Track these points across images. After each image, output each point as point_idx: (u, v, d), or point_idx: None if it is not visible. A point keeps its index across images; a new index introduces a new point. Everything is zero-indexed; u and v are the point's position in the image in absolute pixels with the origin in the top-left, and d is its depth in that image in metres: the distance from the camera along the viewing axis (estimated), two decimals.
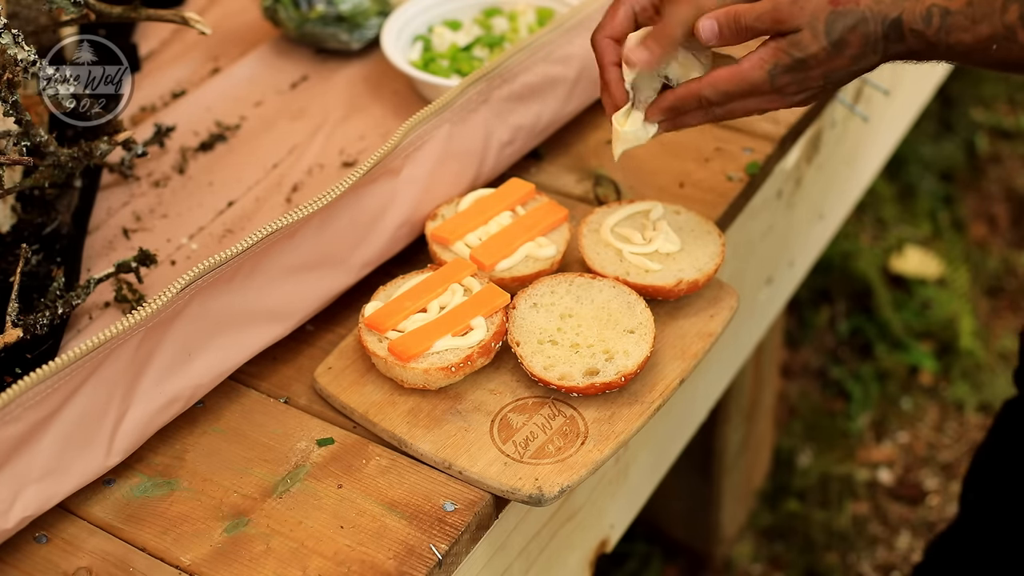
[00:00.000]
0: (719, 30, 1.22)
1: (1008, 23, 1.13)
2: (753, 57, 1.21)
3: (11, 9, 1.60)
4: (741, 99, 1.24)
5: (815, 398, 2.73)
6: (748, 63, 1.21)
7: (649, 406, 1.27)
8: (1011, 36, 1.13)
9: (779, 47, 1.20)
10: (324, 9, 1.70)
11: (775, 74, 1.20)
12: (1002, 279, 2.96)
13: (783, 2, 1.19)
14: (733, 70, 1.22)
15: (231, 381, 1.33)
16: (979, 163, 3.22)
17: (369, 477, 1.23)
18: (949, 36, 1.16)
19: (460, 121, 1.45)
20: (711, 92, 1.24)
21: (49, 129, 1.49)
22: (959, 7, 1.15)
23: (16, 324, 1.28)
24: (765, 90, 1.22)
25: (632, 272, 1.36)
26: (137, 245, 1.45)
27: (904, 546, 2.48)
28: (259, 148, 1.61)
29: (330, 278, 1.36)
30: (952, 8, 1.15)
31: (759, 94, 1.23)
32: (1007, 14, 1.13)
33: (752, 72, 1.21)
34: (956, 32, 1.15)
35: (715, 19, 1.22)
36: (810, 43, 1.18)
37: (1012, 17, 1.13)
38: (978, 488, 1.72)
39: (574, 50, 1.55)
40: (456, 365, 1.26)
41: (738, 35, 1.22)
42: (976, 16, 1.14)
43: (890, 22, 1.17)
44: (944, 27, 1.15)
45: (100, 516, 1.21)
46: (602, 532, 1.55)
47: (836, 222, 2.10)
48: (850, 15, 1.17)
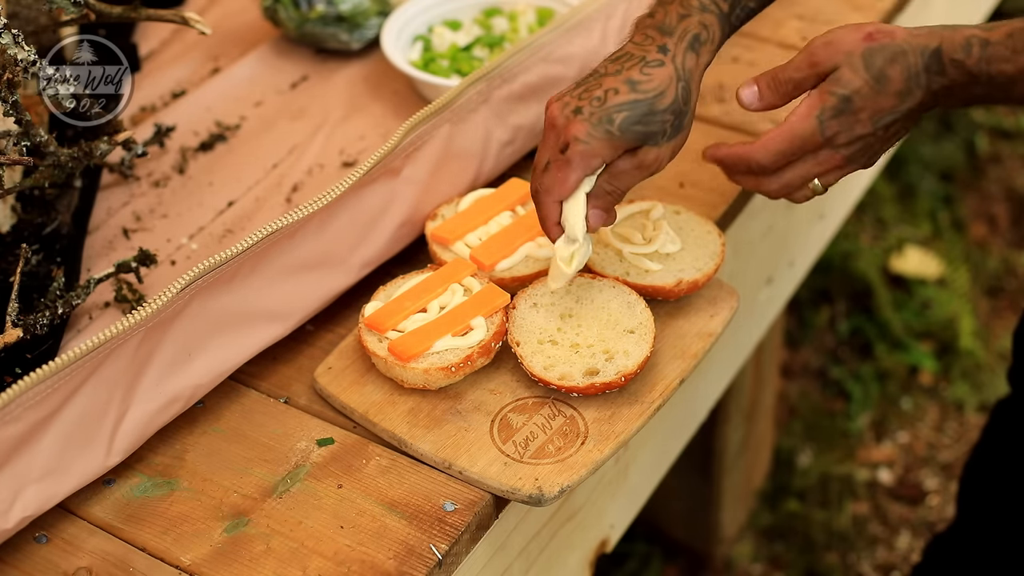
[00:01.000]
0: (760, 92, 1.20)
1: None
2: (800, 109, 1.18)
3: (11, 9, 1.60)
4: (795, 163, 1.20)
5: (815, 398, 2.73)
6: (795, 116, 1.18)
7: (649, 406, 1.27)
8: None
9: (822, 90, 1.17)
10: (324, 9, 1.70)
11: (824, 119, 1.17)
12: (1002, 279, 2.96)
13: (816, 46, 1.17)
14: (781, 127, 1.19)
15: (231, 381, 1.33)
16: (979, 163, 3.22)
17: (369, 477, 1.23)
18: (990, 66, 1.13)
19: (460, 121, 1.45)
20: (763, 155, 1.20)
21: (49, 129, 1.49)
22: (999, 38, 1.13)
23: (16, 324, 1.28)
24: (817, 143, 1.18)
25: (632, 272, 1.36)
26: (137, 245, 1.45)
27: (904, 546, 2.47)
28: (259, 148, 1.61)
29: (330, 278, 1.36)
30: (992, 39, 1.13)
31: (812, 150, 1.19)
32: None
33: (801, 124, 1.18)
34: (997, 62, 1.13)
35: (754, 83, 1.20)
36: (851, 78, 1.16)
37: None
38: (974, 488, 1.72)
39: (574, 50, 1.55)
40: (456, 365, 1.26)
41: (778, 90, 1.20)
42: (1017, 47, 1.12)
43: (930, 52, 1.15)
44: (984, 57, 1.13)
45: (100, 516, 1.21)
46: (602, 532, 1.55)
47: (836, 222, 2.10)
48: (887, 49, 1.15)
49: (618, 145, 1.20)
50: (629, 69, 1.21)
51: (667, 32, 1.22)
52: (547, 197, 1.23)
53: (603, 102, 1.19)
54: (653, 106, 1.19)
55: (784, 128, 1.19)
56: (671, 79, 1.20)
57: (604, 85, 1.21)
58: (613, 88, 1.20)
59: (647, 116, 1.19)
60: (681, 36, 1.22)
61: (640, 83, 1.20)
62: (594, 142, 1.19)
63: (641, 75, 1.20)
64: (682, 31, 1.22)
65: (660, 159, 1.22)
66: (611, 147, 1.20)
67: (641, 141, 1.20)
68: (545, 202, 1.23)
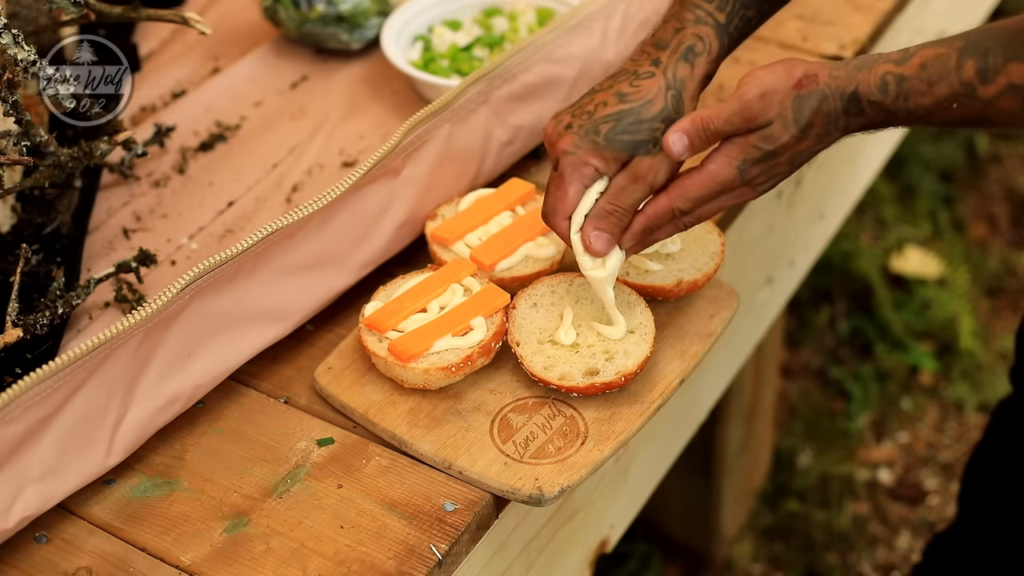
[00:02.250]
0: (689, 142, 1.18)
1: (965, 80, 1.10)
2: (718, 157, 1.18)
3: (11, 9, 1.60)
4: (711, 200, 1.20)
5: (815, 398, 2.73)
6: (715, 164, 1.18)
7: (649, 406, 1.27)
8: (970, 92, 1.10)
9: (748, 142, 1.17)
10: (324, 9, 1.70)
11: (744, 169, 1.17)
12: (1002, 279, 2.96)
13: (751, 99, 1.15)
14: (700, 174, 1.18)
15: (231, 381, 1.33)
16: (979, 163, 3.22)
17: (369, 477, 1.23)
18: (908, 102, 1.13)
19: (460, 121, 1.45)
20: (682, 202, 1.19)
21: (49, 129, 1.49)
22: (913, 72, 1.12)
23: (16, 324, 1.28)
24: (735, 186, 1.19)
25: (632, 272, 1.36)
26: (137, 245, 1.45)
27: (904, 546, 2.47)
28: (259, 148, 1.61)
29: (330, 278, 1.36)
30: (907, 74, 1.13)
31: (729, 191, 1.19)
32: (963, 71, 1.10)
33: (721, 171, 1.18)
34: (914, 97, 1.13)
35: (683, 132, 1.18)
36: (780, 134, 1.16)
37: (969, 73, 1.10)
38: (975, 487, 1.72)
39: (574, 50, 1.55)
40: (456, 365, 1.26)
41: (708, 142, 1.18)
42: (932, 78, 1.12)
43: (848, 96, 1.15)
44: (902, 94, 1.13)
45: (100, 516, 1.21)
46: (602, 532, 1.55)
47: (836, 222, 2.10)
48: (813, 96, 1.15)
49: (606, 155, 1.20)
50: (620, 83, 1.22)
51: (662, 47, 1.23)
52: (554, 217, 1.23)
53: (591, 115, 1.21)
54: (640, 114, 1.20)
55: (704, 175, 1.18)
56: (660, 88, 1.21)
57: (595, 100, 1.22)
58: (602, 101, 1.21)
59: (634, 124, 1.20)
60: (675, 49, 1.22)
61: (628, 94, 1.21)
62: (580, 152, 1.20)
63: (630, 87, 1.21)
64: (676, 44, 1.22)
65: (654, 169, 1.20)
66: (599, 156, 1.20)
67: (630, 151, 1.20)
68: (555, 222, 1.24)
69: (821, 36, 1.76)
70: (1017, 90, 1.09)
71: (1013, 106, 1.10)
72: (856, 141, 2.01)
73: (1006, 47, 1.09)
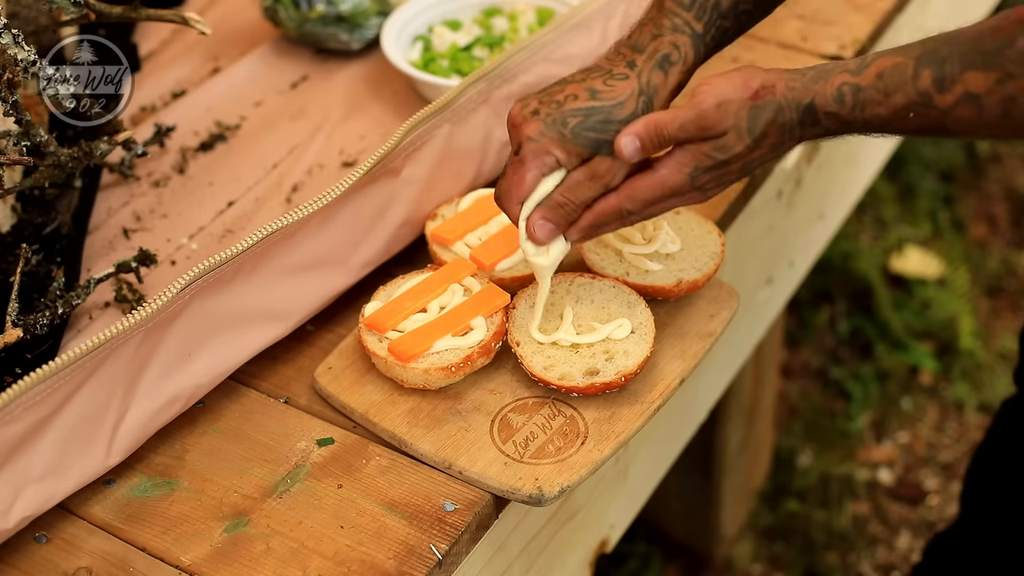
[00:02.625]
0: (641, 145, 1.17)
1: (922, 89, 1.10)
2: (670, 162, 1.18)
3: (11, 9, 1.60)
4: (659, 203, 1.20)
5: (815, 398, 2.73)
6: (666, 169, 1.18)
7: (649, 406, 1.27)
8: (927, 102, 1.10)
9: (700, 150, 1.16)
10: (324, 9, 1.70)
11: (695, 175, 1.17)
12: (1002, 279, 2.96)
13: (707, 108, 1.15)
14: (652, 178, 1.18)
15: (231, 381, 1.33)
16: (979, 163, 3.22)
17: (369, 477, 1.23)
18: (864, 112, 1.13)
19: (460, 121, 1.45)
20: (631, 203, 1.20)
21: (49, 129, 1.49)
22: (869, 82, 1.12)
23: (16, 324, 1.28)
24: (685, 191, 1.19)
25: (632, 272, 1.36)
26: (137, 245, 1.45)
27: (904, 546, 2.47)
28: (259, 148, 1.61)
29: (330, 278, 1.36)
30: (863, 84, 1.12)
31: (678, 195, 1.19)
32: (920, 80, 1.10)
33: (671, 177, 1.18)
34: (870, 107, 1.12)
35: (636, 135, 1.17)
36: (734, 144, 1.16)
37: (926, 83, 1.09)
38: (978, 487, 1.72)
39: (574, 50, 1.55)
40: (456, 365, 1.26)
41: (660, 147, 1.18)
42: (888, 88, 1.11)
43: (804, 107, 1.14)
44: (858, 104, 1.13)
45: (100, 516, 1.21)
46: (602, 532, 1.55)
47: (836, 222, 2.10)
48: (768, 107, 1.15)
49: (570, 148, 1.19)
50: (594, 79, 1.22)
51: (638, 50, 1.23)
52: (508, 201, 1.23)
53: (560, 105, 1.20)
54: (610, 115, 1.19)
55: (653, 179, 1.18)
56: (633, 92, 1.20)
57: (566, 91, 1.22)
58: (573, 94, 1.21)
59: (602, 123, 1.19)
60: (651, 55, 1.22)
61: (600, 92, 1.20)
62: (545, 140, 1.19)
63: (604, 85, 1.21)
64: (652, 50, 1.22)
65: (613, 171, 1.20)
66: (562, 148, 1.19)
67: (594, 148, 1.19)
68: (507, 206, 1.23)
69: (821, 36, 1.76)
70: (974, 99, 1.08)
71: (970, 115, 1.09)
72: (856, 141, 2.00)
73: (963, 55, 1.09)
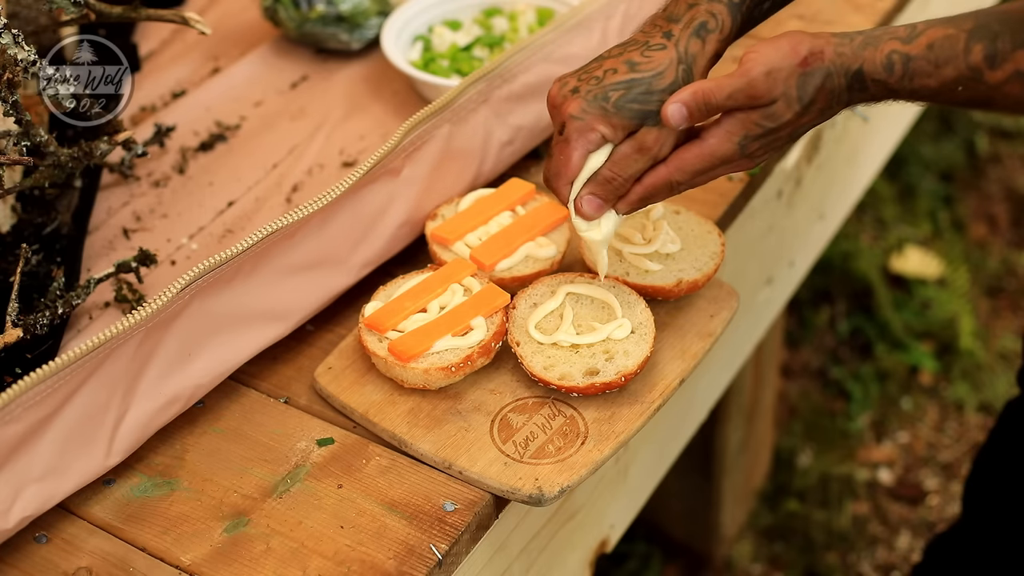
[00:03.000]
0: (688, 113, 1.16)
1: (973, 64, 1.09)
2: (719, 132, 1.17)
3: (11, 9, 1.60)
4: (709, 172, 1.20)
5: (815, 398, 2.73)
6: (715, 138, 1.17)
7: (649, 406, 1.27)
8: (977, 77, 1.10)
9: (750, 119, 1.16)
10: (324, 9, 1.70)
11: (745, 144, 1.17)
12: (1002, 279, 2.96)
13: (757, 77, 1.14)
14: (701, 148, 1.18)
15: (231, 381, 1.33)
16: (979, 163, 3.22)
17: (369, 477, 1.23)
18: (913, 82, 1.12)
19: (460, 121, 1.45)
20: (681, 175, 1.19)
21: (49, 129, 1.49)
22: (920, 52, 1.12)
23: (16, 324, 1.28)
24: (734, 158, 1.18)
25: (632, 272, 1.36)
26: (137, 245, 1.45)
27: (904, 546, 2.47)
28: (259, 148, 1.61)
29: (330, 278, 1.36)
30: (913, 54, 1.12)
31: (727, 163, 1.19)
32: (971, 55, 1.09)
33: (721, 147, 1.17)
34: (920, 77, 1.12)
35: (683, 103, 1.16)
36: (784, 112, 1.15)
37: (977, 58, 1.09)
38: (980, 488, 1.71)
39: (574, 50, 1.55)
40: (456, 365, 1.26)
41: (708, 116, 1.17)
42: (939, 60, 1.11)
43: (853, 73, 1.14)
44: (907, 74, 1.12)
45: (100, 516, 1.21)
46: (602, 532, 1.55)
47: (836, 222, 2.10)
48: (817, 73, 1.14)
49: (615, 122, 1.19)
50: (631, 52, 1.21)
51: (674, 20, 1.22)
52: (557, 181, 1.23)
53: (600, 81, 1.20)
54: (651, 85, 1.19)
55: (703, 149, 1.18)
56: (672, 61, 1.20)
57: (604, 66, 1.21)
58: (612, 68, 1.21)
59: (644, 95, 1.19)
60: (687, 23, 1.21)
61: (639, 64, 1.20)
62: (588, 117, 1.19)
63: (642, 57, 1.20)
64: (689, 19, 1.22)
65: (660, 141, 1.19)
66: (607, 123, 1.19)
67: (639, 120, 1.19)
68: (557, 186, 1.23)
69: None
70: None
71: (1019, 92, 1.09)
72: (856, 141, 2.01)
73: (1015, 32, 1.09)
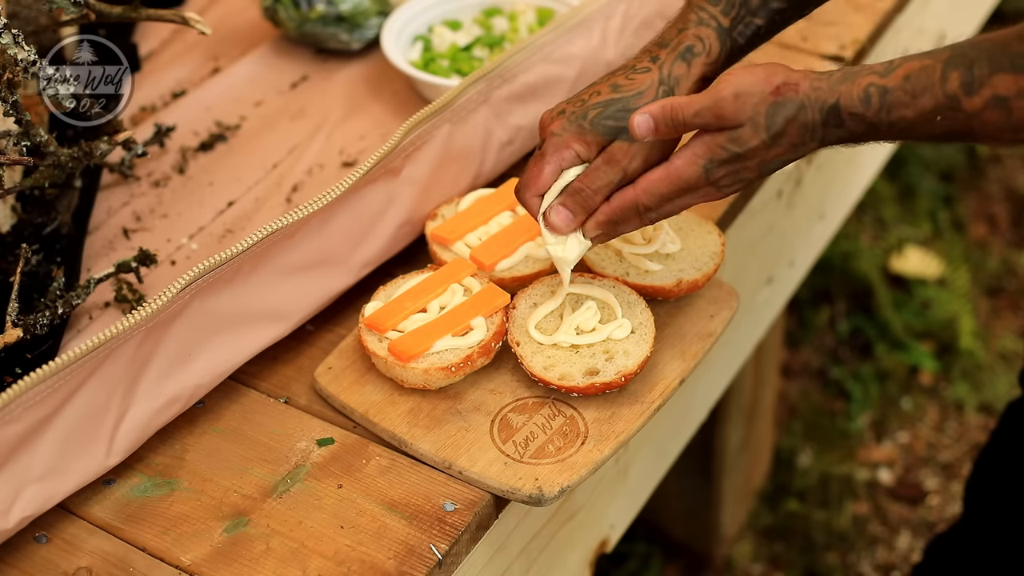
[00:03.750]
0: (655, 126, 1.17)
1: (950, 92, 1.08)
2: (685, 153, 1.17)
3: (11, 9, 1.60)
4: (676, 198, 1.19)
5: (815, 398, 2.73)
6: (681, 160, 1.17)
7: (649, 406, 1.27)
8: (955, 105, 1.09)
9: (716, 142, 1.15)
10: (324, 9, 1.70)
11: (710, 168, 1.16)
12: (1002, 279, 2.96)
13: (725, 97, 1.14)
14: (667, 169, 1.18)
15: (231, 381, 1.33)
16: (979, 163, 3.22)
17: (369, 477, 1.23)
18: (891, 114, 1.11)
19: (460, 121, 1.45)
20: (647, 198, 1.19)
21: (49, 129, 1.49)
22: (897, 83, 1.11)
23: (16, 324, 1.28)
24: (700, 185, 1.18)
25: (632, 272, 1.36)
26: (137, 245, 1.45)
27: (904, 546, 2.47)
28: (259, 148, 1.61)
29: (330, 278, 1.36)
30: (890, 85, 1.11)
31: (693, 190, 1.18)
32: (948, 84, 1.08)
33: (687, 169, 1.17)
34: (897, 109, 1.11)
35: (650, 115, 1.16)
36: (750, 138, 1.14)
37: (953, 86, 1.08)
38: (981, 489, 1.71)
39: (574, 50, 1.55)
40: (456, 365, 1.26)
41: (674, 131, 1.17)
42: (916, 90, 1.10)
43: (828, 108, 1.13)
44: (884, 106, 1.11)
45: (100, 516, 1.21)
46: (602, 532, 1.55)
47: (836, 222, 2.10)
48: (789, 104, 1.13)
49: (589, 139, 1.22)
50: (617, 76, 1.25)
51: (663, 45, 1.26)
52: (526, 192, 1.25)
53: (584, 103, 1.24)
54: (628, 104, 1.22)
55: (669, 170, 1.18)
56: (653, 83, 1.23)
57: (592, 90, 1.25)
58: (597, 91, 1.25)
59: (620, 112, 1.22)
60: (674, 48, 1.24)
61: (622, 86, 1.24)
62: (565, 135, 1.22)
63: (625, 80, 1.24)
64: (676, 43, 1.25)
65: (629, 155, 1.20)
66: (582, 140, 1.22)
67: (612, 135, 1.22)
68: (525, 198, 1.26)
69: (821, 36, 1.76)
70: (1002, 102, 1.07)
71: (998, 119, 1.08)
72: None
73: (992, 58, 1.08)
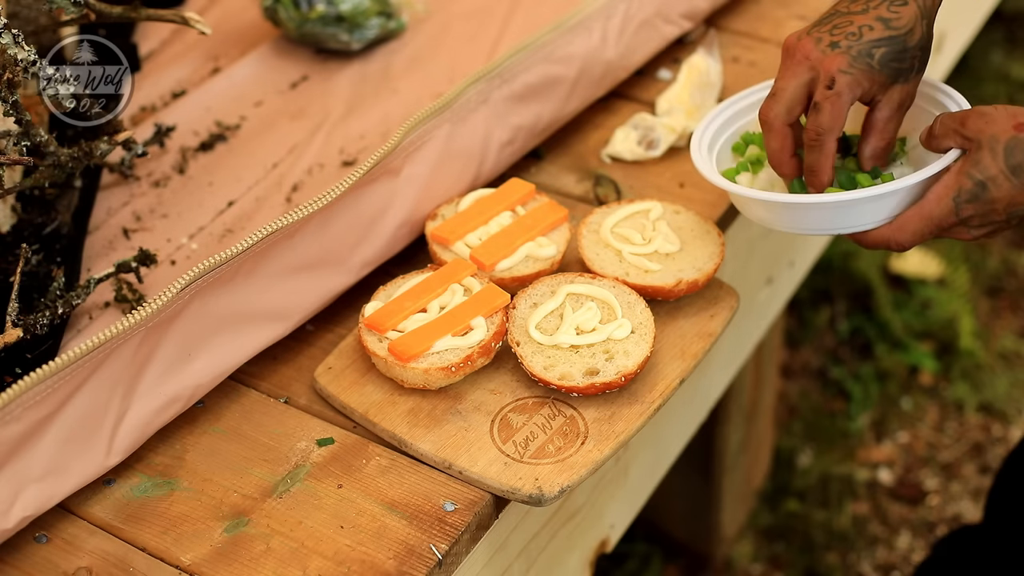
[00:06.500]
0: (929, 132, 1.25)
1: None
2: (937, 188, 1.21)
3: (11, 9, 1.60)
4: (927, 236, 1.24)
5: (815, 398, 2.73)
6: (933, 195, 1.22)
7: (649, 406, 1.27)
8: None
9: (961, 170, 1.20)
10: (324, 9, 1.70)
11: (960, 202, 1.20)
12: (1002, 279, 2.96)
13: (973, 112, 1.20)
14: (919, 210, 1.22)
15: (231, 381, 1.33)
16: None
17: (369, 477, 1.23)
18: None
19: (460, 121, 1.45)
20: (902, 236, 1.24)
21: (49, 129, 1.49)
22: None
23: (16, 324, 1.28)
24: (952, 223, 1.21)
25: (632, 272, 1.36)
26: (137, 245, 1.45)
27: (904, 546, 2.48)
28: (259, 148, 1.61)
29: (330, 278, 1.36)
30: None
31: (946, 228, 1.22)
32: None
33: (938, 205, 1.21)
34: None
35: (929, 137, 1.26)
36: (989, 164, 1.18)
37: None
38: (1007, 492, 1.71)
39: (574, 50, 1.55)
40: (456, 365, 1.26)
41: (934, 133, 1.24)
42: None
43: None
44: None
45: (100, 516, 1.21)
46: (602, 532, 1.55)
47: None
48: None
49: (876, 79, 1.24)
50: (876, 8, 1.25)
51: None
52: (829, 136, 1.26)
53: (859, 37, 1.24)
54: (905, 43, 1.24)
55: (923, 210, 1.22)
56: (916, 16, 1.24)
57: (856, 23, 1.25)
58: (867, 25, 1.24)
59: (901, 53, 1.24)
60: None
61: (891, 20, 1.24)
62: (857, 73, 1.23)
63: (890, 13, 1.25)
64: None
65: (909, 95, 1.26)
66: (871, 81, 1.24)
67: (893, 78, 1.24)
68: (827, 141, 1.26)
69: None
70: None
71: None
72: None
73: None
